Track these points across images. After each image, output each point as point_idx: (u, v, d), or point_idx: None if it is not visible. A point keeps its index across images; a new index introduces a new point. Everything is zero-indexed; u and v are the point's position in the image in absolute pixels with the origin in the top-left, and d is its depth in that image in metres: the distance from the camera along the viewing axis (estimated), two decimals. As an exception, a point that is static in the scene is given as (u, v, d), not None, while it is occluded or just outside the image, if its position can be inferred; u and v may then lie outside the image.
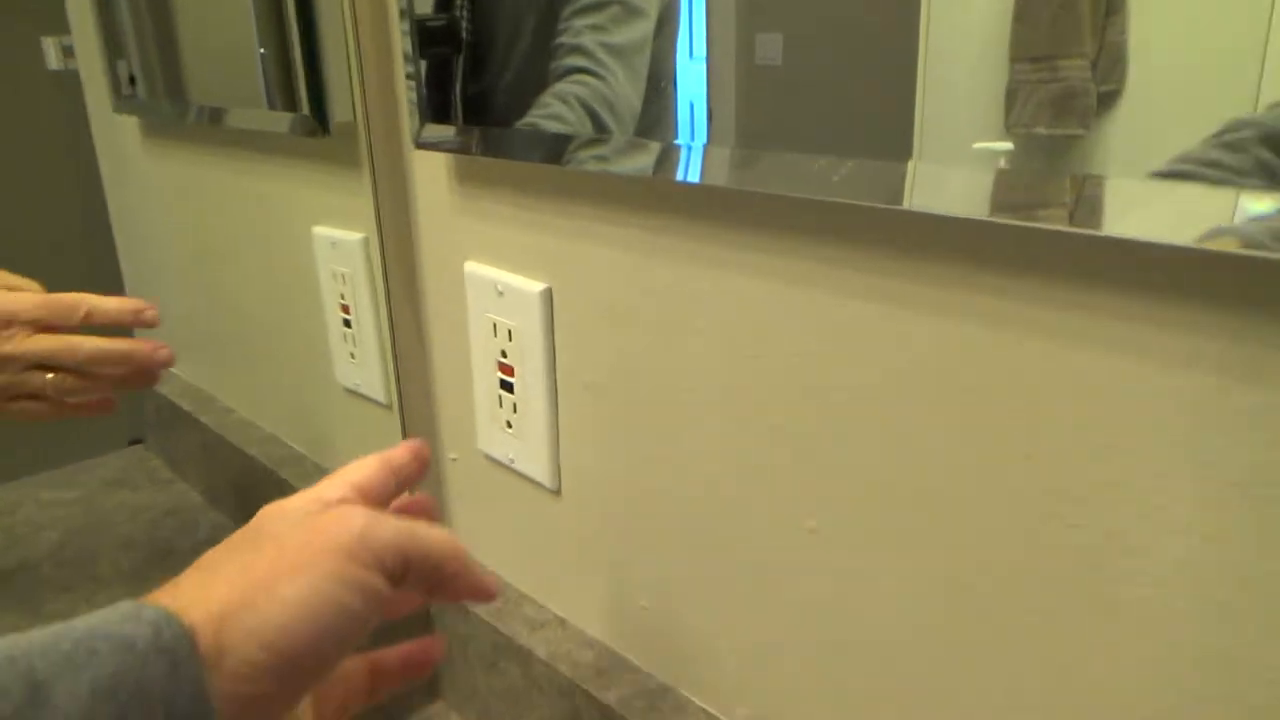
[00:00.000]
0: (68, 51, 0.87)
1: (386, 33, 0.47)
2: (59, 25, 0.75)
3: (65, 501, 0.81)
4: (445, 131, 0.42)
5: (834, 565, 0.34)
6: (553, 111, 0.36)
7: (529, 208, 0.42)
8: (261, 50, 0.54)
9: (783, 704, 0.38)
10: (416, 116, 0.43)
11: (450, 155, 0.45)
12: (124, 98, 0.75)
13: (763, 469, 0.35)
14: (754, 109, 0.30)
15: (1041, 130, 0.24)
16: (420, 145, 0.44)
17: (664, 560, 0.41)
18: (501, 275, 0.45)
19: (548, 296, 0.43)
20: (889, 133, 0.26)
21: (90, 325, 0.48)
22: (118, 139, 0.80)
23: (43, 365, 0.47)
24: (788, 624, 0.37)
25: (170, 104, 0.70)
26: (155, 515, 0.79)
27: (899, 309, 0.29)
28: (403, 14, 0.42)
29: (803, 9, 0.28)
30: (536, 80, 0.37)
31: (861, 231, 0.30)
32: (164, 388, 0.83)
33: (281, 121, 0.52)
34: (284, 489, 0.66)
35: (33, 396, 0.47)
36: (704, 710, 0.42)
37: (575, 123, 0.35)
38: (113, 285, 0.90)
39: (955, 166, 0.25)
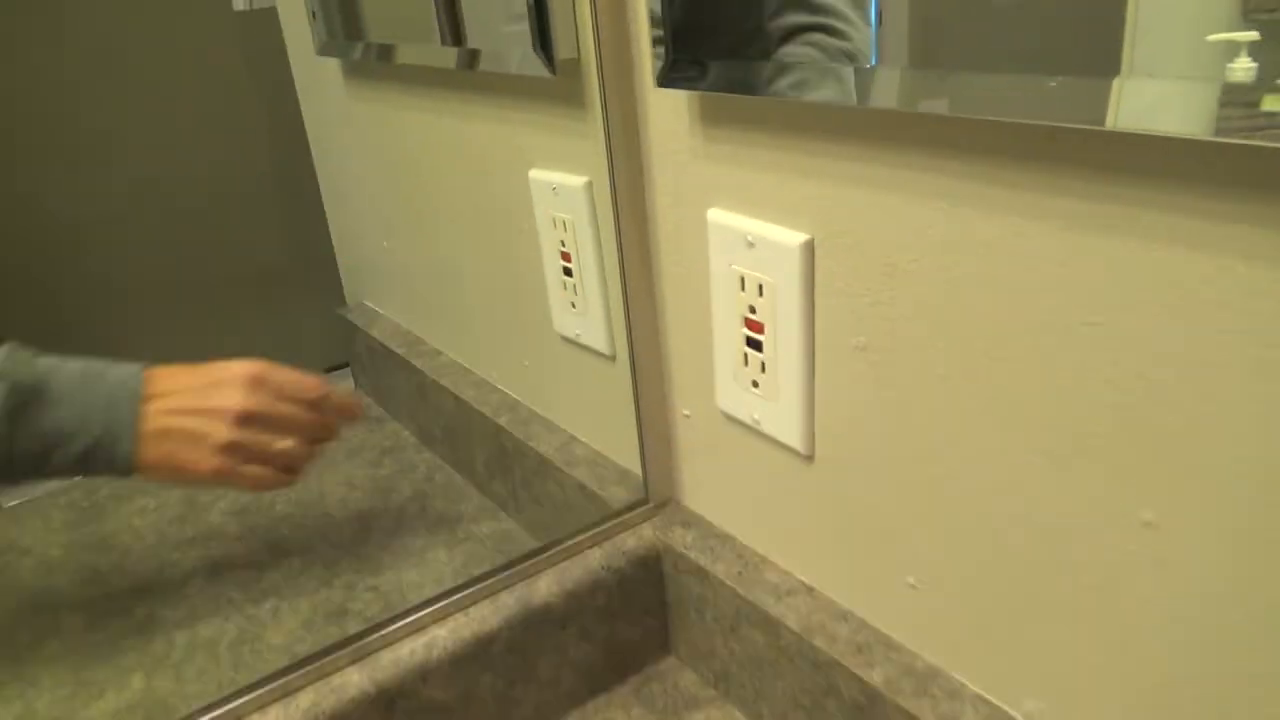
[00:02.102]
0: None
1: (619, -43, 0.43)
2: None
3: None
4: (688, 68, 0.38)
5: (1166, 560, 0.30)
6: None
7: (789, 149, 0.38)
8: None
9: (1080, 700, 0.34)
10: (664, 51, 0.39)
11: (695, 93, 0.42)
12: (325, 40, 0.75)
13: (1078, 449, 0.31)
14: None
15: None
16: (665, 84, 0.40)
17: (939, 537, 0.38)
18: (753, 224, 0.41)
19: (809, 249, 0.39)
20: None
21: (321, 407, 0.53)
22: (320, 81, 0.81)
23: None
24: (1096, 618, 0.32)
25: (370, 45, 0.69)
26: (374, 455, 0.81)
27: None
28: (648, -62, 0.38)
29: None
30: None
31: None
32: (375, 329, 0.85)
33: (519, 62, 0.50)
34: (500, 435, 0.66)
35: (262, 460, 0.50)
36: (981, 697, 0.38)
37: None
38: (318, 228, 0.93)
39: None
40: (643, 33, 0.43)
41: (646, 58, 0.43)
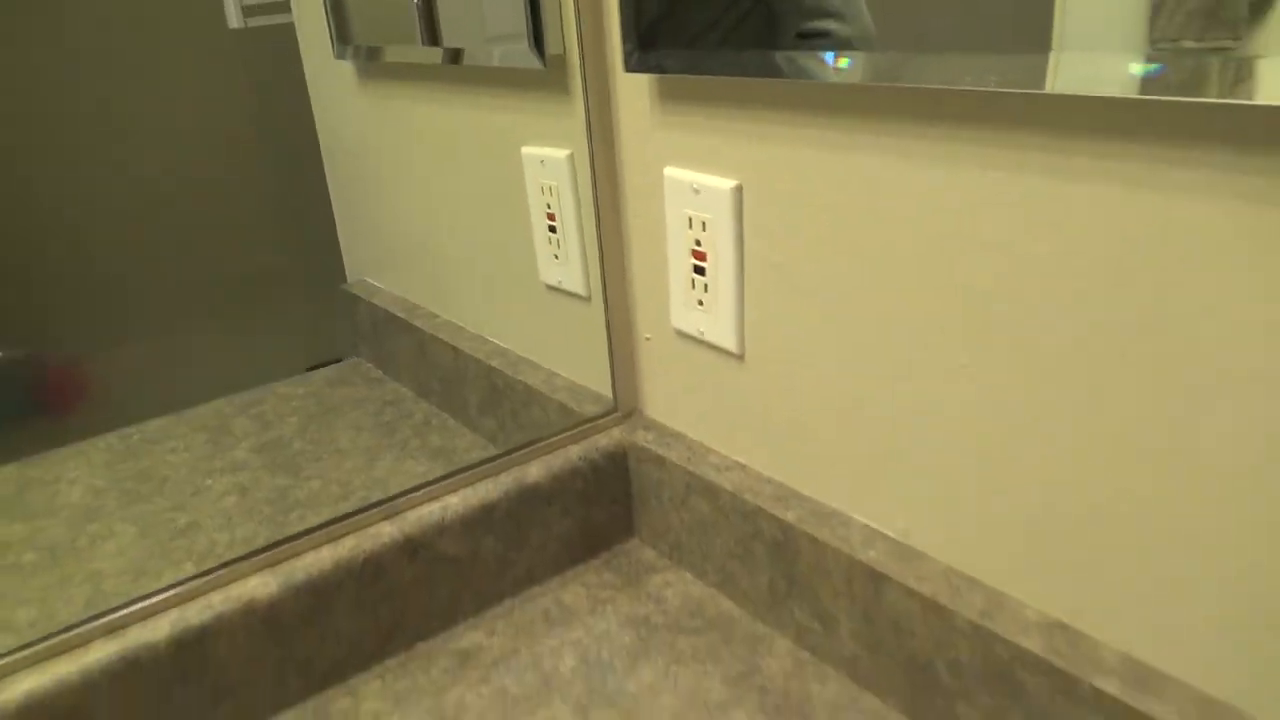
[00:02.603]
0: (249, 9, 1.00)
1: (598, -23, 0.56)
2: None
3: (299, 396, 0.97)
4: (650, 56, 0.52)
5: (986, 400, 0.43)
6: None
7: (723, 117, 0.52)
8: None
9: (934, 518, 0.48)
10: (631, 44, 0.53)
11: (653, 76, 0.55)
12: (344, 46, 0.88)
13: (928, 325, 0.44)
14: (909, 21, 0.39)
15: (1189, 44, 0.31)
16: (632, 69, 0.54)
17: (835, 409, 0.51)
18: (697, 176, 0.54)
19: (738, 192, 0.52)
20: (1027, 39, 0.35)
21: None
22: (332, 80, 0.93)
23: None
24: (946, 451, 0.46)
25: (387, 48, 0.82)
26: (376, 405, 0.93)
27: (1096, 186, 0.38)
28: (620, -39, 0.52)
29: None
30: (747, 19, 0.46)
31: (1006, 116, 0.38)
32: (376, 299, 0.97)
33: (514, 55, 0.63)
34: (492, 374, 0.79)
35: None
36: (867, 525, 0.52)
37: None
38: (323, 211, 1.04)
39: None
40: (614, 31, 0.56)
41: (617, 51, 0.57)
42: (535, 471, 0.62)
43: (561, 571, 0.64)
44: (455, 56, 0.70)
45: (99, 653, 0.48)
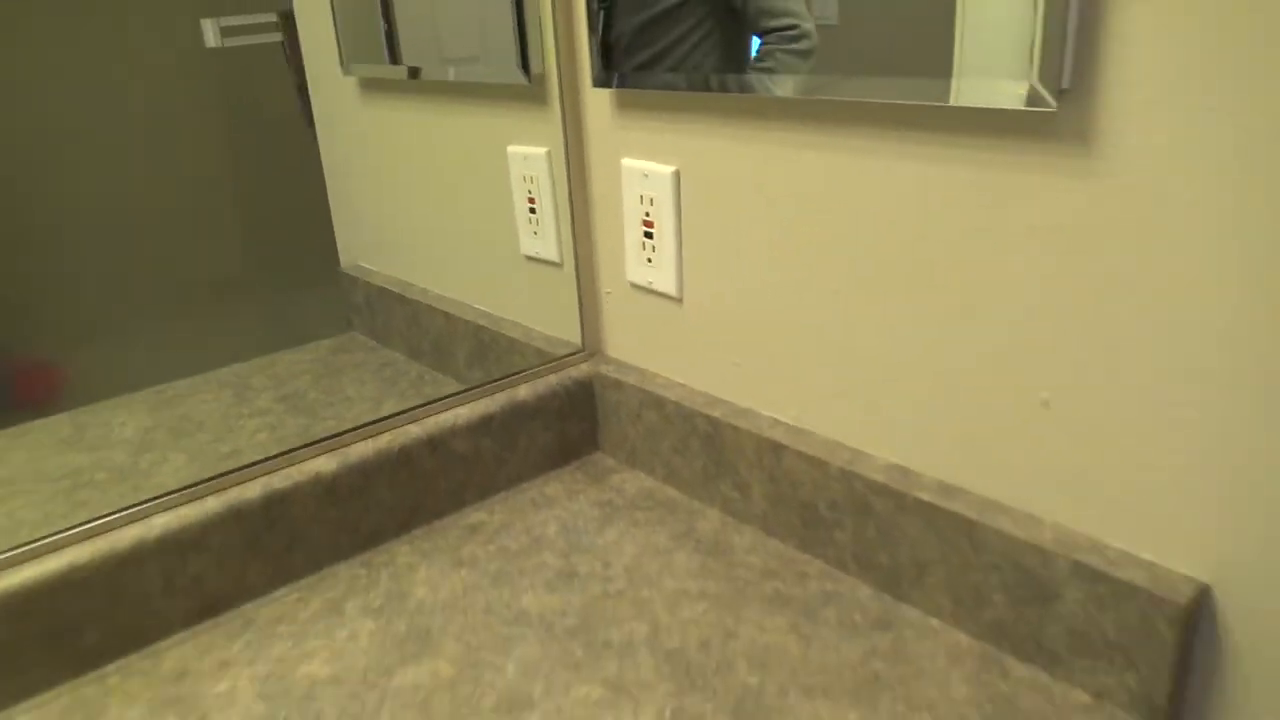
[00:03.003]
0: (225, 31, 1.16)
1: (570, 11, 0.76)
2: (217, 9, 0.87)
3: (306, 360, 1.14)
4: (611, 76, 0.71)
5: (852, 314, 0.63)
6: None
7: (665, 120, 0.71)
8: (482, 22, 0.84)
9: (815, 405, 0.67)
10: (597, 68, 0.72)
11: (613, 91, 0.74)
12: (352, 61, 1.06)
13: (813, 267, 0.64)
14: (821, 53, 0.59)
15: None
16: (597, 85, 0.73)
17: (747, 333, 0.71)
18: (646, 164, 0.74)
19: (677, 175, 0.72)
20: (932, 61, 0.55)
21: None
22: (334, 94, 1.11)
23: None
24: (823, 357, 0.66)
25: (394, 64, 1.00)
26: (375, 366, 1.10)
27: (914, 161, 0.58)
28: None
29: None
30: (672, 37, 0.65)
31: (853, 115, 0.58)
32: (370, 279, 1.14)
33: (505, 74, 0.82)
34: (479, 333, 0.97)
35: None
36: (770, 417, 0.71)
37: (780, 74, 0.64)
38: (314, 205, 1.21)
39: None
40: (584, 55, 0.75)
41: (586, 71, 0.76)
42: (523, 393, 0.80)
43: (543, 473, 0.83)
44: (458, 74, 0.89)
45: (212, 505, 0.65)
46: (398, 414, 0.75)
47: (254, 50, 0.95)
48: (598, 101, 0.77)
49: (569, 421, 0.83)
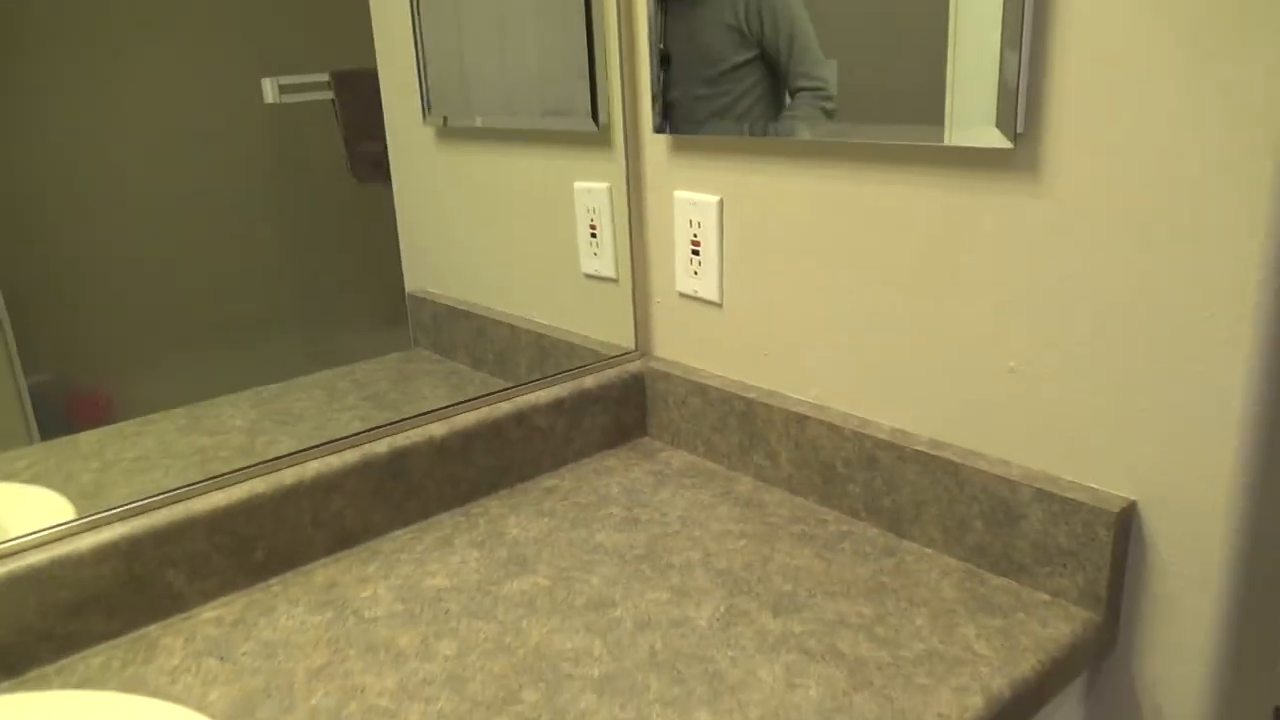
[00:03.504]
0: (283, 89, 1.34)
1: (634, 73, 0.94)
2: (278, 68, 0.94)
3: (380, 369, 1.30)
4: (667, 125, 0.90)
5: (861, 311, 0.80)
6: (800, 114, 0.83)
7: (710, 158, 0.89)
8: (562, 80, 1.03)
9: (832, 384, 0.84)
10: (657, 118, 0.90)
11: (668, 136, 0.93)
12: (432, 111, 1.24)
13: (831, 272, 0.82)
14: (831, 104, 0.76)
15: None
16: (657, 131, 0.91)
17: (775, 329, 0.88)
18: (695, 195, 0.92)
19: (720, 203, 0.90)
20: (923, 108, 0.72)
21: None
22: (410, 138, 1.29)
23: None
24: (838, 345, 0.83)
25: (472, 114, 1.18)
26: (443, 374, 1.27)
27: (907, 188, 0.75)
28: (651, 48, 0.90)
29: (852, 44, 0.74)
30: (740, 105, 0.84)
31: (874, 157, 0.76)
32: (437, 300, 1.32)
33: (578, 123, 1.00)
34: (541, 340, 1.14)
35: None
36: (794, 397, 0.88)
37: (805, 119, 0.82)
38: (380, 237, 1.39)
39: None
40: (646, 108, 0.94)
41: (648, 118, 0.94)
42: (589, 382, 0.97)
43: (602, 451, 0.99)
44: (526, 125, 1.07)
45: (350, 457, 0.81)
46: (492, 393, 0.91)
47: (307, 106, 1.04)
48: (655, 145, 0.95)
49: (624, 408, 1.00)
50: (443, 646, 0.67)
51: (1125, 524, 0.66)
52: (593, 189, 1.03)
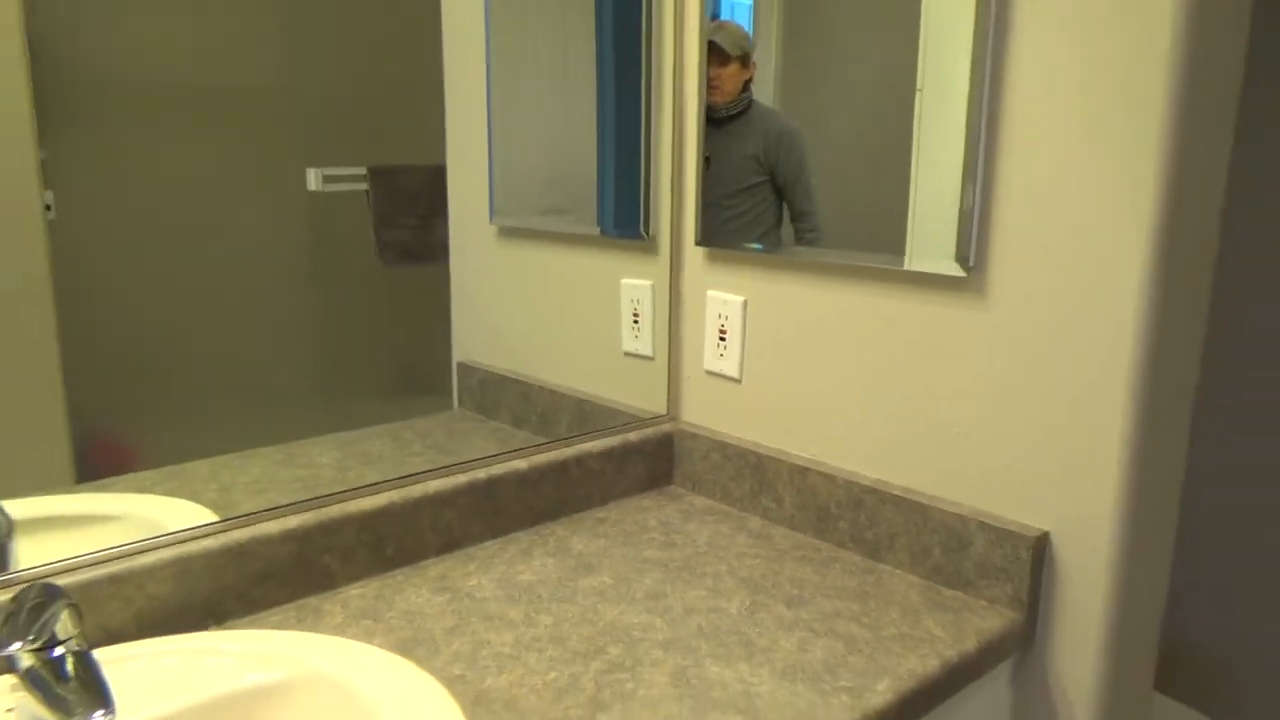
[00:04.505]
0: (325, 179, 1.56)
1: (681, 197, 1.22)
2: (320, 159, 1.00)
3: (432, 425, 1.54)
4: (705, 239, 1.17)
5: (849, 388, 1.06)
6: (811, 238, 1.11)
7: (737, 267, 1.16)
8: (616, 196, 1.30)
9: (826, 445, 1.10)
10: (696, 235, 1.18)
11: (706, 249, 1.20)
12: (498, 213, 1.51)
13: (827, 356, 1.08)
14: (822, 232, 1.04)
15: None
16: (698, 244, 1.19)
17: (781, 401, 1.14)
18: (724, 295, 1.19)
19: (745, 303, 1.17)
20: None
21: None
22: (472, 235, 1.56)
23: None
24: (832, 416, 1.09)
25: (533, 217, 1.45)
26: (488, 432, 1.50)
27: (888, 300, 1.03)
28: (697, 181, 1.18)
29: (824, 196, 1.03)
30: (750, 217, 1.11)
31: (864, 276, 1.03)
32: (488, 367, 1.56)
33: (629, 233, 1.27)
34: (582, 404, 1.39)
35: None
36: (797, 453, 1.13)
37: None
38: (396, 315, 1.64)
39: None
40: (689, 222, 1.22)
41: (690, 233, 1.22)
42: (633, 437, 1.22)
43: (639, 493, 1.23)
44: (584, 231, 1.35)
45: (460, 479, 1.05)
46: (560, 440, 1.16)
47: (344, 195, 1.10)
48: (694, 254, 1.23)
49: (657, 460, 1.25)
50: (541, 618, 0.90)
51: (1041, 548, 0.91)
52: (638, 285, 1.30)
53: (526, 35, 1.25)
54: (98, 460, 0.89)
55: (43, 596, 0.69)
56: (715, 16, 1.16)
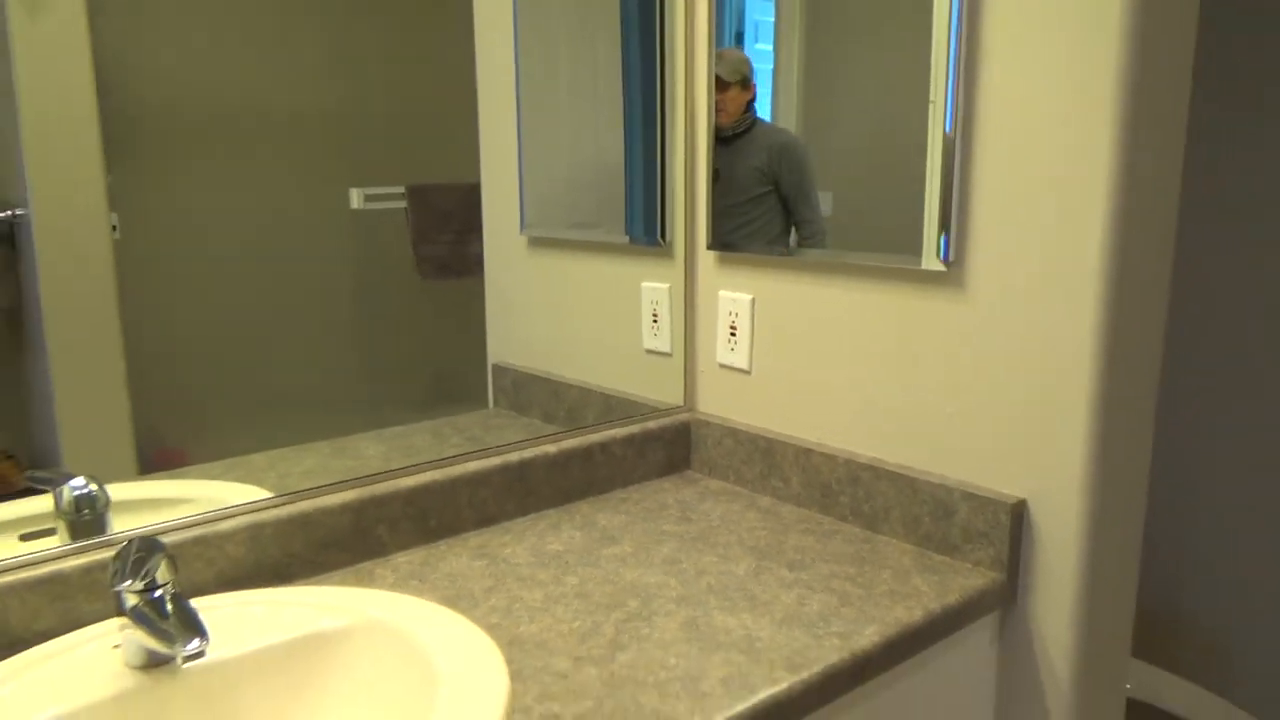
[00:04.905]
0: (367, 198, 1.68)
1: (694, 205, 1.34)
2: (362, 180, 1.07)
3: (469, 421, 1.66)
4: (717, 243, 1.28)
5: (849, 377, 1.17)
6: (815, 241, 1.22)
7: (746, 268, 1.27)
8: (636, 201, 1.42)
9: (829, 429, 1.20)
10: (708, 239, 1.29)
11: (717, 252, 1.31)
12: (528, 225, 1.64)
13: (832, 346, 1.19)
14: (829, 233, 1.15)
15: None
16: (709, 248, 1.30)
17: (788, 390, 1.24)
18: (734, 294, 1.30)
19: (753, 301, 1.28)
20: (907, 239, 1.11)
21: None
22: (504, 244, 1.68)
23: None
24: (834, 403, 1.19)
25: (561, 229, 1.58)
26: (522, 426, 1.62)
27: (880, 294, 1.13)
28: (707, 192, 1.29)
29: (846, 175, 1.13)
30: (758, 224, 1.22)
31: (867, 274, 1.14)
32: (520, 368, 1.68)
33: (648, 240, 1.39)
34: (608, 398, 1.50)
35: None
36: (802, 437, 1.24)
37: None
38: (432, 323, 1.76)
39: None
40: (701, 229, 1.33)
41: (702, 238, 1.33)
42: (652, 425, 1.33)
43: (658, 477, 1.34)
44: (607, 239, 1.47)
45: (494, 461, 1.16)
46: (585, 426, 1.27)
47: (385, 213, 1.17)
48: (707, 257, 1.34)
49: (674, 447, 1.36)
50: (568, 579, 1.01)
51: (1019, 514, 1.01)
52: (656, 287, 1.41)
53: (552, 62, 1.37)
54: (158, 466, 0.98)
55: (144, 549, 0.82)
56: (740, 34, 1.27)
